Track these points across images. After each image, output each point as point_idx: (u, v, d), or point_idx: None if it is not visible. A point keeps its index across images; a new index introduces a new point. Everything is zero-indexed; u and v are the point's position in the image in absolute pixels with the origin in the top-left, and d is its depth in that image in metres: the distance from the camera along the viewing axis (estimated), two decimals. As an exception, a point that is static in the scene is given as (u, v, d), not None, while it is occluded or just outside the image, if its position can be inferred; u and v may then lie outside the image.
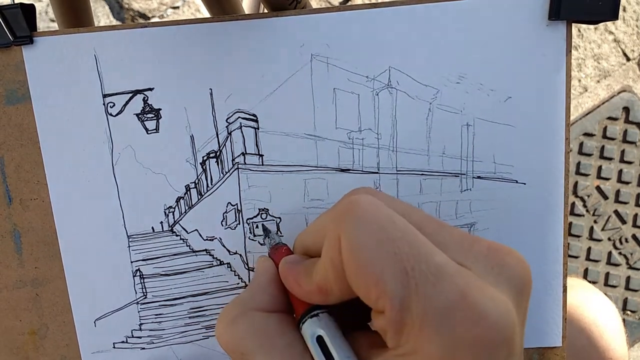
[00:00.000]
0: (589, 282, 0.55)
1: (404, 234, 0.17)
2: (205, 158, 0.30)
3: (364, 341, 0.20)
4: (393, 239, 0.17)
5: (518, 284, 0.18)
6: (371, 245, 0.17)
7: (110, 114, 0.30)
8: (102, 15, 1.04)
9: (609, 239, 1.04)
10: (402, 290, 0.16)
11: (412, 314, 0.16)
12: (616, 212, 1.03)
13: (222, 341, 0.21)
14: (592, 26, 1.03)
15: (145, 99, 0.29)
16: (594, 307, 0.49)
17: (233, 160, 0.30)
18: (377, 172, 0.30)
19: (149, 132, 0.30)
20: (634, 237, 1.03)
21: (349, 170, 0.30)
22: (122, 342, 0.31)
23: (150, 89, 0.29)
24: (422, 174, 0.30)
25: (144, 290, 0.31)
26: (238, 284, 0.31)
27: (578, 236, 1.04)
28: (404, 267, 0.16)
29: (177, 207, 0.30)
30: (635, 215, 1.03)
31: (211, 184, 0.30)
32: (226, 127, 0.30)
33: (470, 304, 0.16)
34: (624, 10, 1.04)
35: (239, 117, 0.30)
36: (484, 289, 0.16)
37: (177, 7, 1.04)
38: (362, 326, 0.22)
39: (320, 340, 0.20)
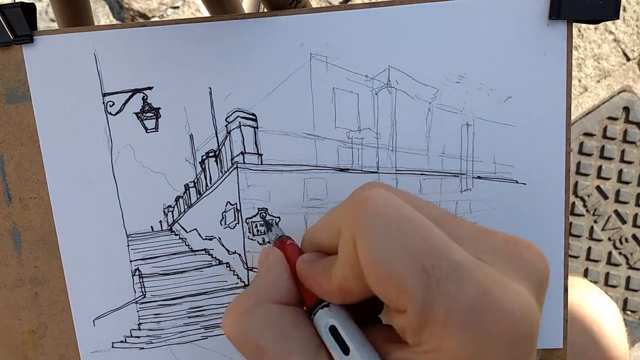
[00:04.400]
0: (589, 282, 0.55)
1: (421, 230, 0.17)
2: (204, 157, 0.30)
3: (379, 335, 0.19)
4: (410, 237, 0.16)
5: (537, 279, 0.17)
6: (388, 244, 0.16)
7: (110, 113, 0.29)
8: (102, 15, 1.04)
9: (609, 239, 1.04)
10: (424, 289, 0.16)
11: (435, 312, 0.16)
12: (616, 212, 1.03)
13: (233, 334, 0.20)
14: (592, 26, 1.03)
15: (145, 98, 0.29)
16: (595, 306, 0.49)
17: (232, 159, 0.30)
18: (376, 172, 0.30)
19: (148, 131, 0.30)
20: (634, 237, 1.03)
21: (348, 169, 0.30)
22: (121, 341, 0.31)
23: (150, 88, 0.29)
24: (422, 174, 0.30)
25: (142, 289, 0.31)
26: (237, 283, 0.31)
27: (578, 236, 1.04)
28: (423, 266, 0.16)
29: (176, 207, 0.30)
30: (635, 215, 1.03)
31: (210, 183, 0.30)
32: (225, 126, 0.30)
33: (494, 300, 0.15)
34: (624, 10, 1.04)
35: (238, 116, 0.30)
36: (506, 284, 0.16)
37: (177, 7, 1.04)
38: (372, 320, 0.22)
39: (333, 330, 0.19)
